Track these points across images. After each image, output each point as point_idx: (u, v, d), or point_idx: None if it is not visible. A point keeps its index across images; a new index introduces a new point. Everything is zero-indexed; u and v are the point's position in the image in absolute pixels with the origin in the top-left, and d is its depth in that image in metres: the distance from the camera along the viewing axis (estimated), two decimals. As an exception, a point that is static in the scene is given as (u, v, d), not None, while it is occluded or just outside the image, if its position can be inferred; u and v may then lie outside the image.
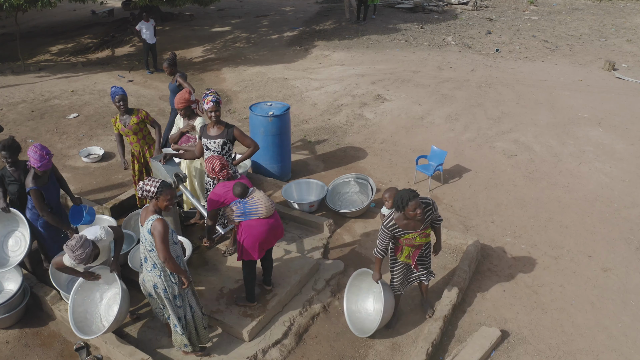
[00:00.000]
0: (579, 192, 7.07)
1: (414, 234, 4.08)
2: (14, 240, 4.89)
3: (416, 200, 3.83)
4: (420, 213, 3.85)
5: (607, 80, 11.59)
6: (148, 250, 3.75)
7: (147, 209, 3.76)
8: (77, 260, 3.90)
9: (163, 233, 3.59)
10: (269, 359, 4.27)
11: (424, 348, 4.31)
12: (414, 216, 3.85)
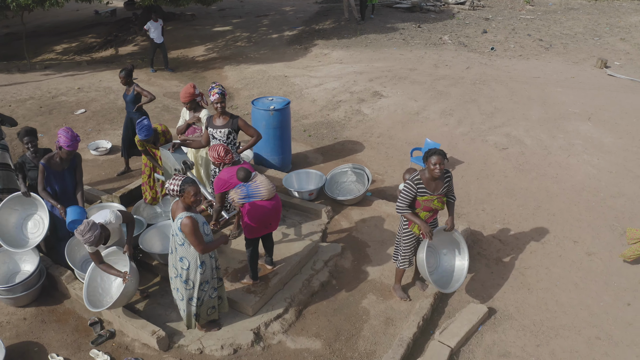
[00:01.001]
0: (567, 183, 7.40)
1: (433, 196, 4.42)
2: (33, 223, 5.23)
3: (439, 156, 4.22)
4: (440, 169, 4.22)
5: (599, 78, 11.92)
6: (178, 244, 4.04)
7: (177, 204, 4.02)
8: (87, 243, 4.22)
9: (193, 229, 3.84)
10: (271, 332, 4.61)
11: (415, 322, 4.64)
12: (434, 170, 4.21)
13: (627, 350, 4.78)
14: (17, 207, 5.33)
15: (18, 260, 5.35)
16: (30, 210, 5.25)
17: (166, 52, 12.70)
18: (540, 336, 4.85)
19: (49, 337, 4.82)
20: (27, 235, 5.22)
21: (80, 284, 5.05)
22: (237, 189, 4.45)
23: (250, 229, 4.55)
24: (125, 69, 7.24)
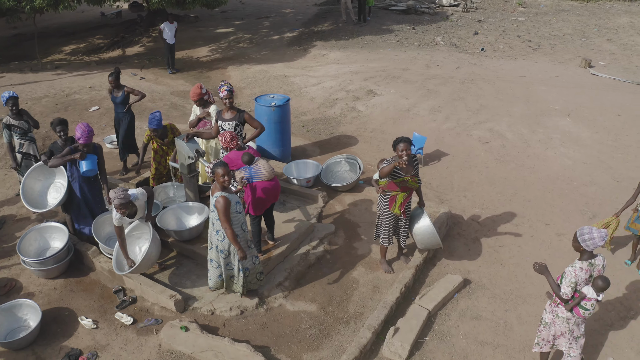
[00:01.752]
0: (543, 173, 8.10)
1: (407, 177, 5.12)
2: (54, 188, 6.13)
3: (406, 143, 4.94)
4: (407, 154, 4.91)
5: (582, 77, 12.62)
6: (215, 219, 4.73)
7: (215, 185, 4.71)
8: (118, 200, 4.92)
9: (224, 208, 4.52)
10: (273, 297, 5.31)
11: (398, 289, 5.33)
12: (402, 155, 4.91)
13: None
14: (40, 178, 6.27)
15: (48, 238, 6.06)
16: (52, 179, 6.16)
17: (174, 54, 13.36)
18: (509, 303, 5.55)
19: (78, 304, 5.52)
20: (50, 201, 6.10)
21: (105, 257, 5.75)
22: (242, 171, 5.16)
23: (254, 206, 5.26)
24: (115, 72, 7.83)
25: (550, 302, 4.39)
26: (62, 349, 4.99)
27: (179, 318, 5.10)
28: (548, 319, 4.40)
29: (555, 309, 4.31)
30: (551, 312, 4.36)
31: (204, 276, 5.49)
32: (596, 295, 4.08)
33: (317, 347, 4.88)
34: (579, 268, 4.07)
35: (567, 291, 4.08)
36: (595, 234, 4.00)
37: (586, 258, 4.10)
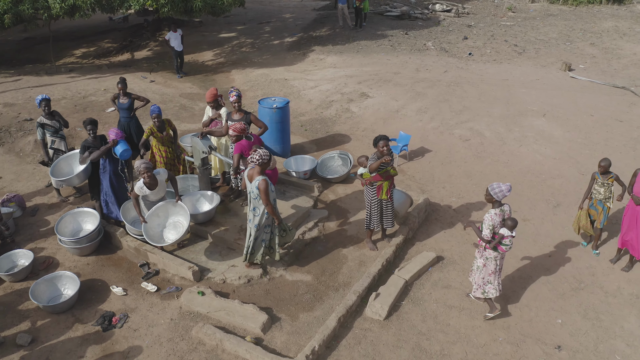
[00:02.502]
0: (516, 167, 9.09)
1: (389, 167, 6.18)
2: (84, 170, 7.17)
3: (385, 140, 6.05)
4: (387, 149, 6.01)
5: (561, 80, 13.61)
6: (253, 198, 5.76)
7: (253, 170, 5.72)
8: (144, 165, 5.96)
9: (266, 188, 5.56)
10: (275, 269, 6.31)
11: (380, 262, 6.33)
12: (382, 150, 6.00)
13: (542, 286, 6.46)
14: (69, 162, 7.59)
15: (81, 222, 7.06)
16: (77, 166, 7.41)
17: (182, 59, 14.33)
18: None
19: (109, 276, 6.52)
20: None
21: (131, 237, 6.76)
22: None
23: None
24: (122, 80, 8.80)
25: (478, 250, 5.59)
26: (97, 312, 5.99)
27: (196, 285, 6.10)
28: (480, 263, 5.58)
29: (484, 253, 5.52)
30: (481, 257, 5.57)
31: (216, 252, 6.50)
32: (510, 233, 5.39)
33: (311, 308, 5.88)
34: (493, 214, 5.34)
35: (487, 233, 5.35)
36: (503, 186, 5.25)
37: (497, 206, 5.40)
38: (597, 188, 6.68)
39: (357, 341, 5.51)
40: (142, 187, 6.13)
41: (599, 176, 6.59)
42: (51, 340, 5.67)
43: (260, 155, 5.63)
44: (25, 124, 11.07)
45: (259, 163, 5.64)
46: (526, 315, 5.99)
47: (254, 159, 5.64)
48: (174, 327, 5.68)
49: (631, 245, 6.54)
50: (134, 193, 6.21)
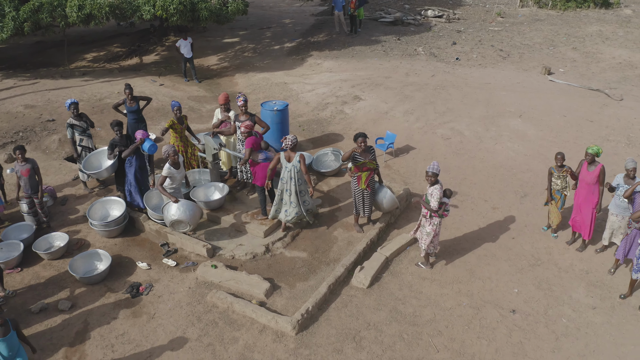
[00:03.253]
0: (490, 162, 10.26)
1: (365, 161, 7.32)
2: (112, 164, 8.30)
3: (363, 137, 7.19)
4: (364, 144, 7.19)
5: (540, 83, 14.75)
6: (295, 172, 7.20)
7: (289, 152, 7.19)
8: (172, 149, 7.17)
9: (305, 160, 7.08)
10: (275, 247, 7.49)
11: (365, 242, 7.50)
12: (360, 145, 7.15)
13: (504, 263, 7.61)
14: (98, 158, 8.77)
15: (109, 208, 8.23)
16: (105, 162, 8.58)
17: (193, 65, 15.38)
18: (446, 254, 7.70)
19: (134, 254, 7.69)
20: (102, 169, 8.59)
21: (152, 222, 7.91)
22: (261, 153, 7.42)
23: (261, 180, 7.49)
24: (128, 86, 9.91)
25: (425, 219, 6.92)
26: (126, 283, 7.16)
27: (209, 260, 7.27)
28: (430, 229, 6.86)
29: (431, 220, 6.83)
30: (430, 224, 6.86)
31: (226, 234, 7.68)
32: (448, 200, 6.88)
33: (306, 279, 7.05)
34: (438, 189, 6.68)
35: (435, 205, 6.71)
36: (435, 163, 6.70)
37: (438, 182, 6.76)
38: (554, 180, 7.81)
39: (344, 304, 6.68)
40: (169, 167, 7.30)
41: (554, 170, 7.73)
42: (88, 306, 6.83)
43: (291, 139, 7.19)
44: (49, 124, 12.24)
45: (291, 146, 7.18)
46: (487, 286, 7.15)
47: (288, 143, 7.16)
48: (192, 294, 6.85)
49: (579, 226, 7.70)
50: (162, 177, 7.35)
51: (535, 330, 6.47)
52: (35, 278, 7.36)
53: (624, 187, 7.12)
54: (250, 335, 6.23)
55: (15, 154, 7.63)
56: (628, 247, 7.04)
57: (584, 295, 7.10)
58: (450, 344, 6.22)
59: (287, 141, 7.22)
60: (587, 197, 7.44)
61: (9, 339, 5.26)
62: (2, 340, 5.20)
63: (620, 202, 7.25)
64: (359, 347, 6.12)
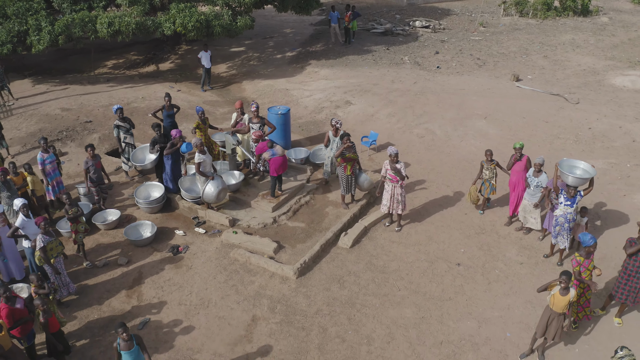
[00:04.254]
0: (454, 156, 12.68)
1: (350, 153, 9.73)
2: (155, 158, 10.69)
3: (347, 136, 9.64)
4: (348, 142, 9.61)
5: (508, 89, 17.16)
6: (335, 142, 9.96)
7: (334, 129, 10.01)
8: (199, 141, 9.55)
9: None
10: (281, 219, 9.94)
11: (349, 215, 9.96)
12: (346, 142, 9.57)
13: (456, 232, 10.03)
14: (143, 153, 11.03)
15: (150, 191, 10.67)
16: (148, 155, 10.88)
17: (210, 75, 17.74)
18: (414, 224, 10.12)
19: (172, 225, 10.12)
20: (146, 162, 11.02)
21: (185, 201, 10.35)
22: (268, 151, 9.82)
23: (273, 170, 9.90)
24: (168, 95, 12.26)
25: (392, 185, 9.24)
26: (168, 245, 9.59)
27: (231, 228, 9.71)
28: (403, 191, 9.34)
29: (395, 185, 9.21)
30: (402, 188, 9.26)
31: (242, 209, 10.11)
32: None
33: (304, 241, 9.49)
34: (402, 165, 9.05)
35: (404, 174, 9.04)
36: (392, 148, 8.91)
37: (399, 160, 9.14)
38: (484, 171, 10.18)
39: (332, 259, 9.12)
40: (200, 155, 9.69)
41: (484, 163, 10.12)
42: (140, 262, 9.27)
43: (337, 120, 10.20)
44: (87, 125, 14.67)
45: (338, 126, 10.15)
46: (441, 247, 9.57)
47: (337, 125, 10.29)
48: (219, 252, 9.29)
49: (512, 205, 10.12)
50: (197, 164, 9.72)
51: (473, 277, 8.90)
52: (97, 243, 9.80)
53: (531, 178, 9.38)
54: (263, 279, 8.67)
55: (87, 150, 10.06)
56: (549, 219, 9.46)
57: (515, 254, 9.51)
58: (409, 285, 8.65)
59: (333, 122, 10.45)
60: (516, 183, 9.84)
61: (133, 352, 6.24)
62: (128, 353, 6.21)
63: (531, 191, 9.49)
64: (342, 287, 8.56)
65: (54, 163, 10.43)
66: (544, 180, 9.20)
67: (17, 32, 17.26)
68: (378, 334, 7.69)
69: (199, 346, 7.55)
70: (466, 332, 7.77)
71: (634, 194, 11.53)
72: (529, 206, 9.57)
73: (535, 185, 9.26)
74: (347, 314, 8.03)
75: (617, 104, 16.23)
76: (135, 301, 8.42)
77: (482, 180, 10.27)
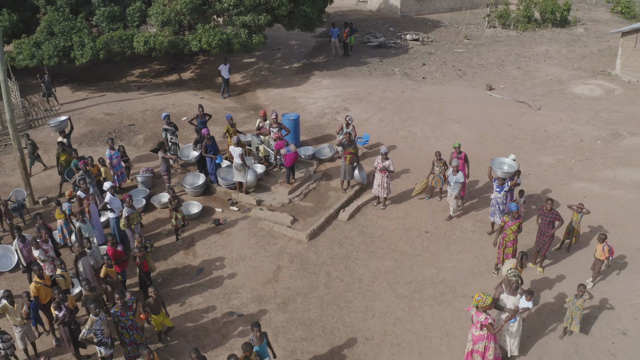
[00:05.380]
0: (431, 153, 16.04)
1: (350, 148, 13.24)
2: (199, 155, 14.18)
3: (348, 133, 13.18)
4: (349, 137, 13.12)
5: (482, 97, 20.65)
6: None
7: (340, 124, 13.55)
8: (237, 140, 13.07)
9: None
10: (295, 200, 13.47)
11: (346, 197, 13.48)
12: (343, 139, 13.10)
13: (427, 210, 13.53)
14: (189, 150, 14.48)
15: (194, 179, 14.17)
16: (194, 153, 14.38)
17: (228, 85, 21.22)
18: (397, 205, 13.61)
19: (212, 204, 13.62)
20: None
21: (221, 187, 13.85)
22: (284, 148, 13.33)
23: (288, 162, 13.41)
24: (201, 106, 15.70)
25: (380, 174, 12.78)
26: (210, 218, 13.09)
27: (257, 207, 13.22)
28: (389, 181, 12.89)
29: (383, 175, 12.84)
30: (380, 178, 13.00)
31: (266, 193, 13.60)
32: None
33: (312, 215, 13.00)
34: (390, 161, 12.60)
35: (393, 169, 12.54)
36: (383, 147, 12.58)
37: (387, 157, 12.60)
38: (435, 168, 13.59)
39: (333, 228, 12.63)
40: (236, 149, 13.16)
41: (435, 162, 13.54)
42: (191, 231, 12.75)
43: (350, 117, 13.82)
44: (131, 127, 18.14)
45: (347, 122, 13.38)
46: (414, 220, 13.06)
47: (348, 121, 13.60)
48: (249, 223, 12.78)
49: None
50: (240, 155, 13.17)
51: (437, 240, 12.38)
52: (155, 218, 13.27)
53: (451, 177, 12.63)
54: (283, 241, 12.16)
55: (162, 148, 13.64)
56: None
57: (470, 225, 12.99)
58: (389, 246, 12.14)
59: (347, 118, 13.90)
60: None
61: (262, 347, 7.84)
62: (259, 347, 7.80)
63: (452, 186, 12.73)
64: (340, 246, 12.05)
65: (118, 158, 13.92)
66: (460, 178, 12.53)
67: (63, 47, 20.71)
68: (366, 277, 11.19)
69: (241, 285, 11.04)
70: (428, 276, 11.26)
71: (572, 183, 15.03)
72: (452, 197, 12.84)
73: (455, 182, 12.55)
74: (344, 264, 11.53)
75: (574, 109, 19.69)
76: (191, 257, 11.91)
77: (434, 175, 13.54)
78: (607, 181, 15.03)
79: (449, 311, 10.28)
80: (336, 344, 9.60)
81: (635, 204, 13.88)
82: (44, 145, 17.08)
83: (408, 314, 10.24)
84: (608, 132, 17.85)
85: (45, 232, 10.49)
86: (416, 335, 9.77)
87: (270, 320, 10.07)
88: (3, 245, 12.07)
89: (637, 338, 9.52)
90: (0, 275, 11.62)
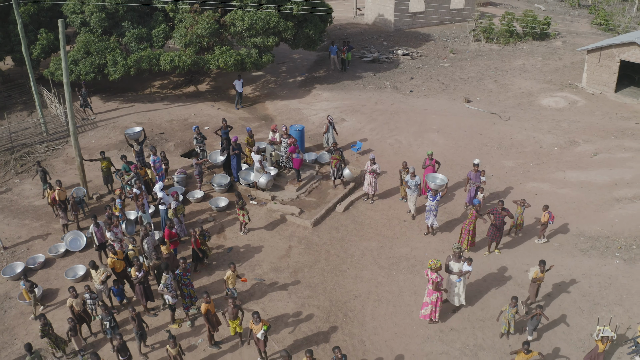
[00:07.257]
0: (413, 157, 20.08)
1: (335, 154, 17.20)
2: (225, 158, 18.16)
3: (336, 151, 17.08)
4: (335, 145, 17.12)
5: (459, 109, 24.55)
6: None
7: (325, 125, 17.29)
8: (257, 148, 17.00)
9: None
10: (301, 196, 17.41)
11: (342, 193, 17.42)
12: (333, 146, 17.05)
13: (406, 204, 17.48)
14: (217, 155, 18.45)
15: (220, 179, 18.10)
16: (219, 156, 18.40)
17: (241, 97, 25.09)
18: (385, 200, 17.55)
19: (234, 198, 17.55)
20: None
21: (242, 185, 17.80)
22: (294, 154, 17.28)
23: (295, 165, 17.35)
24: (224, 119, 19.60)
25: (370, 176, 17.09)
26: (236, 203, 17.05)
27: (272, 200, 17.16)
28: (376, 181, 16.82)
29: (371, 176, 16.85)
30: (369, 178, 16.90)
31: (278, 190, 17.54)
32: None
33: (315, 208, 16.95)
34: (377, 165, 16.40)
35: (379, 171, 16.37)
36: (371, 154, 16.53)
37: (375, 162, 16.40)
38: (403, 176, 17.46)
39: (332, 218, 16.58)
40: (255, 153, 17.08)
41: (402, 171, 17.44)
42: (221, 220, 16.69)
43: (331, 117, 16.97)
44: (162, 135, 22.04)
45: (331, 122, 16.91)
46: (395, 212, 16.98)
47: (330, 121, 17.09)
48: (265, 213, 16.73)
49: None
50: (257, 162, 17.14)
51: (412, 227, 16.32)
52: (190, 210, 17.20)
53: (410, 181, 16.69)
54: (293, 227, 16.10)
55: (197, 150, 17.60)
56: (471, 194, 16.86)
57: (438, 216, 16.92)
58: (374, 230, 16.08)
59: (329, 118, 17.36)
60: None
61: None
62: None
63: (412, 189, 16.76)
64: (337, 231, 16.00)
65: (160, 162, 17.86)
66: (417, 181, 16.38)
67: (98, 65, 24.59)
68: (356, 253, 15.13)
69: (262, 259, 14.97)
70: (404, 253, 15.20)
71: (527, 182, 18.96)
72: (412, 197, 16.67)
73: (414, 184, 16.40)
74: (340, 244, 15.48)
75: (538, 120, 23.60)
76: (222, 240, 15.84)
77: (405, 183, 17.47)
78: (557, 181, 18.95)
79: (417, 278, 14.22)
80: (334, 300, 13.53)
81: (576, 200, 17.83)
82: (87, 150, 20.94)
83: (387, 279, 14.18)
84: (565, 139, 21.77)
85: (116, 219, 14.42)
86: (392, 294, 13.71)
87: (285, 284, 14.01)
88: (74, 231, 15.98)
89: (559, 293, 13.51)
90: (72, 254, 15.53)
